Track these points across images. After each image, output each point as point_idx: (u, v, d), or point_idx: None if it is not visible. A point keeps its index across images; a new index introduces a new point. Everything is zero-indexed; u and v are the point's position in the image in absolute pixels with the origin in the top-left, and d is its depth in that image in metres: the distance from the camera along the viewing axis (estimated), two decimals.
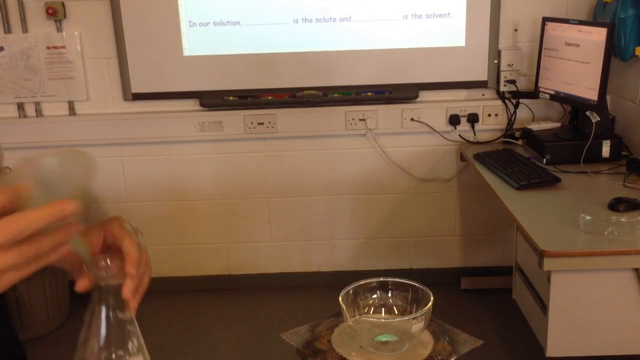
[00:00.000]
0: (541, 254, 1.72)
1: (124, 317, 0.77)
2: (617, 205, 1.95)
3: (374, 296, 1.33)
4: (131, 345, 0.78)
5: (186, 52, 2.79)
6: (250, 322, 2.83)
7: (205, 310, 2.97)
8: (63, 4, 2.74)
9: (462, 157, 2.84)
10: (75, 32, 2.78)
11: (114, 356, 0.77)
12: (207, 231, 3.06)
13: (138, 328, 0.80)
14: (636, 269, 1.84)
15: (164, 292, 3.10)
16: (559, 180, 2.22)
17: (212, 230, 3.06)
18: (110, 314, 0.77)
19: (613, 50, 2.38)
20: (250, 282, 3.13)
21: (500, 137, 2.83)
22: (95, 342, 0.77)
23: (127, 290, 0.76)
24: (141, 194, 2.99)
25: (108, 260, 0.76)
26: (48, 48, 2.79)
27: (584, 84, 2.40)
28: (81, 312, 0.79)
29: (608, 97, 2.54)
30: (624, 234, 1.79)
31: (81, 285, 0.75)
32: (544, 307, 2.03)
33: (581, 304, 1.93)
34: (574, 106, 2.62)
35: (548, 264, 1.74)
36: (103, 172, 2.95)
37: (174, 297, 3.07)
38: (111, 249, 0.80)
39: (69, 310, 2.93)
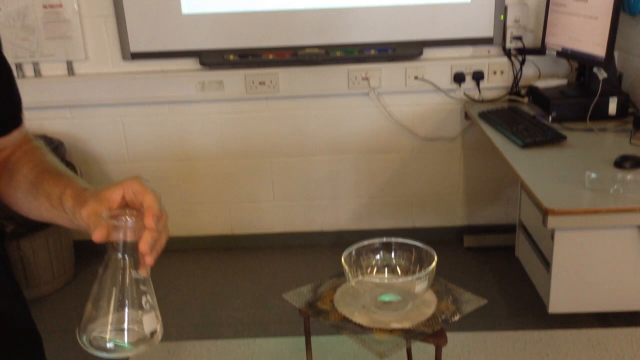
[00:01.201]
0: (545, 212, 1.71)
1: (139, 275, 0.76)
2: (623, 162, 1.93)
3: (377, 257, 1.33)
4: (145, 302, 0.77)
5: (185, 10, 2.73)
6: (254, 282, 2.85)
7: (208, 269, 2.99)
8: None
9: (467, 116, 2.81)
10: None
11: (126, 312, 0.76)
12: (209, 191, 3.06)
13: (152, 286, 0.79)
14: None
15: (167, 251, 3.10)
16: (564, 137, 2.19)
17: (214, 190, 3.06)
18: (125, 270, 0.76)
19: (622, 5, 2.32)
20: (254, 242, 3.14)
21: (505, 95, 2.79)
22: (107, 298, 0.76)
23: (145, 244, 0.76)
24: (143, 154, 2.98)
25: (127, 215, 0.75)
26: (45, 7, 2.73)
27: (591, 39, 2.35)
28: (86, 271, 0.79)
29: (616, 53, 2.49)
30: (629, 191, 1.78)
31: (98, 234, 0.75)
32: (547, 264, 2.03)
33: (584, 261, 1.94)
34: (581, 62, 2.57)
35: (552, 221, 1.74)
36: (104, 133, 2.93)
37: (178, 257, 3.09)
38: (130, 206, 0.79)
39: (74, 269, 2.96)
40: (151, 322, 0.78)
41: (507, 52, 2.77)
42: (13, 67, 3.00)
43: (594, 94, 2.34)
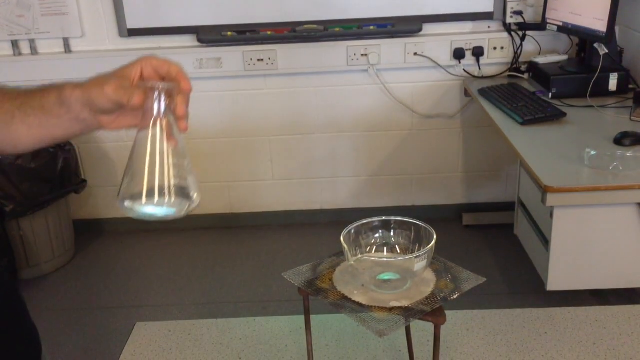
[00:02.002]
0: (544, 190, 1.71)
1: (175, 138, 0.77)
2: (623, 139, 1.92)
3: (376, 235, 1.33)
4: (184, 165, 0.78)
5: None
6: (253, 260, 2.86)
7: (208, 248, 2.99)
8: None
9: (467, 93, 2.79)
10: None
11: (165, 175, 0.76)
12: (208, 170, 3.05)
13: (187, 151, 0.79)
14: (639, 204, 1.83)
15: (168, 230, 3.13)
16: (564, 114, 2.18)
17: (213, 169, 3.05)
18: (163, 134, 0.76)
19: None
20: (253, 221, 3.14)
21: (505, 71, 2.77)
22: (145, 163, 0.76)
23: (182, 106, 0.77)
24: None
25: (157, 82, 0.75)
26: None
27: (592, 14, 2.32)
28: (86, 250, 0.78)
29: (617, 29, 2.46)
30: (628, 168, 1.77)
31: (137, 98, 0.74)
32: (545, 242, 2.03)
33: (583, 238, 1.94)
34: (582, 38, 2.55)
35: (551, 199, 1.73)
36: None
37: (178, 235, 3.10)
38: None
39: (74, 248, 2.96)
40: (190, 184, 0.78)
41: (508, 28, 2.74)
42: (9, 45, 2.99)
43: (595, 70, 2.32)
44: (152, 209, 0.75)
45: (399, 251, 1.32)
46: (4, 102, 0.84)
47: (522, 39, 2.74)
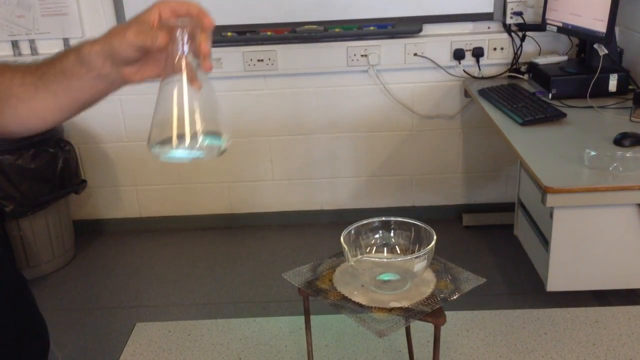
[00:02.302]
0: (544, 190, 1.71)
1: (201, 77, 0.76)
2: (623, 140, 1.93)
3: (376, 236, 1.33)
4: (210, 104, 0.78)
5: None
6: (253, 260, 2.86)
7: (208, 248, 2.99)
8: None
9: (466, 93, 2.79)
10: None
11: (196, 115, 0.75)
12: (209, 170, 3.06)
13: (214, 90, 0.78)
14: (639, 204, 1.83)
15: (168, 230, 3.13)
16: (564, 115, 2.18)
17: (214, 169, 3.05)
18: (187, 73, 0.75)
19: None
20: (253, 221, 3.14)
21: (505, 71, 2.77)
22: (173, 104, 0.75)
23: (206, 44, 0.75)
24: (141, 133, 2.97)
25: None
26: None
27: (592, 15, 2.32)
28: (86, 250, 0.78)
29: (617, 29, 2.47)
30: (628, 169, 1.77)
31: (162, 38, 0.73)
32: (545, 243, 2.03)
33: (583, 239, 1.94)
34: (582, 39, 2.55)
35: (551, 200, 1.73)
36: (102, 112, 2.91)
37: (178, 236, 3.10)
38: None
39: (74, 249, 2.96)
40: (219, 126, 0.78)
41: (507, 28, 2.74)
42: (9, 45, 2.99)
43: (595, 70, 2.33)
44: (182, 153, 0.75)
45: (399, 252, 1.32)
46: (25, 76, 0.83)
47: (522, 39, 2.74)
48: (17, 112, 0.85)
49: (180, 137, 0.74)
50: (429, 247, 1.23)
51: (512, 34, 2.74)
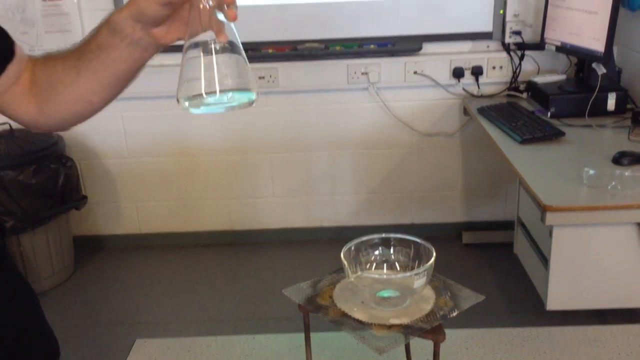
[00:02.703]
0: (544, 209, 1.71)
1: (227, 29, 0.76)
2: (621, 159, 1.93)
3: (376, 252, 1.33)
4: (237, 54, 0.78)
5: None
6: (253, 277, 2.86)
7: (208, 265, 2.99)
8: None
9: (466, 111, 2.81)
10: None
11: (225, 64, 0.76)
12: (209, 187, 3.06)
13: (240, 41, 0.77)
14: (638, 223, 1.84)
15: (168, 247, 3.13)
16: (563, 134, 2.19)
17: (214, 186, 3.06)
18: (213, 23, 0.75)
19: (621, 0, 2.32)
20: (253, 238, 3.14)
21: (504, 90, 2.79)
22: (202, 55, 0.76)
23: None
24: (143, 149, 2.98)
25: None
26: (44, 0, 2.73)
27: (590, 34, 2.35)
28: (86, 266, 0.78)
29: (615, 49, 2.49)
30: (627, 187, 1.78)
31: None
32: (545, 261, 2.04)
33: (582, 258, 1.94)
34: (580, 58, 2.57)
35: (550, 218, 1.74)
36: (104, 128, 2.93)
37: (178, 253, 3.09)
38: None
39: (74, 265, 2.96)
40: (246, 78, 0.78)
41: (506, 47, 2.77)
42: None
43: (593, 89, 2.34)
44: (210, 108, 0.76)
45: (398, 268, 1.33)
46: (66, 60, 0.85)
47: (521, 58, 2.76)
48: (64, 98, 0.87)
49: (209, 92, 0.75)
50: (428, 263, 1.23)
51: (511, 52, 2.77)
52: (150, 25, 0.79)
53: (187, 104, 0.77)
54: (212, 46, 0.76)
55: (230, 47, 0.77)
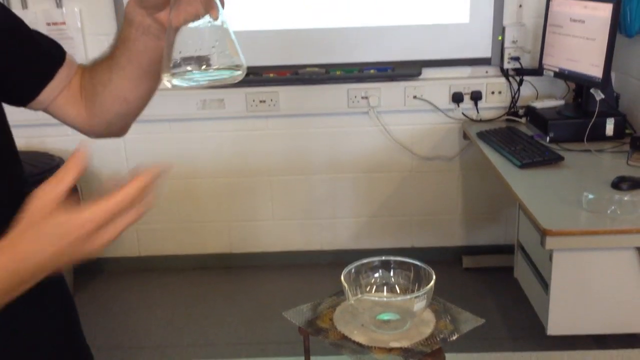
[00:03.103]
0: (543, 233, 1.72)
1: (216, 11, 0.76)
2: (620, 183, 1.94)
3: (376, 275, 1.33)
4: (224, 33, 0.77)
5: None
6: (253, 301, 2.85)
7: (208, 288, 2.98)
8: None
9: (465, 135, 2.82)
10: (75, 8, 2.75)
11: (211, 40, 0.76)
12: (209, 209, 3.07)
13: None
14: (638, 248, 1.84)
15: (167, 270, 3.12)
16: (562, 158, 2.21)
17: (214, 208, 3.06)
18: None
19: (618, 27, 2.35)
20: (253, 261, 3.13)
21: (503, 115, 2.81)
22: (188, 35, 0.76)
23: None
24: None
25: None
26: (48, 24, 2.76)
27: (588, 60, 2.38)
28: (84, 291, 0.79)
29: (613, 75, 2.52)
30: (626, 212, 1.78)
31: None
32: (545, 285, 2.03)
33: (583, 282, 1.94)
34: (578, 83, 2.60)
35: (550, 242, 1.74)
36: (104, 151, 2.94)
37: (177, 275, 3.09)
38: None
39: (73, 288, 2.95)
40: (234, 54, 0.78)
41: (505, 73, 2.79)
42: None
43: (591, 114, 2.36)
44: (196, 79, 0.77)
45: (398, 291, 1.33)
46: (104, 61, 0.89)
47: (520, 84, 2.79)
48: (104, 98, 0.91)
49: (194, 65, 0.76)
50: (428, 286, 1.23)
51: (510, 78, 2.79)
52: (153, 9, 0.81)
53: (170, 76, 0.77)
54: (203, 23, 0.77)
55: (219, 26, 0.78)
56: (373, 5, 2.72)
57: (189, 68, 0.76)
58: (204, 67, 0.76)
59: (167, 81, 0.78)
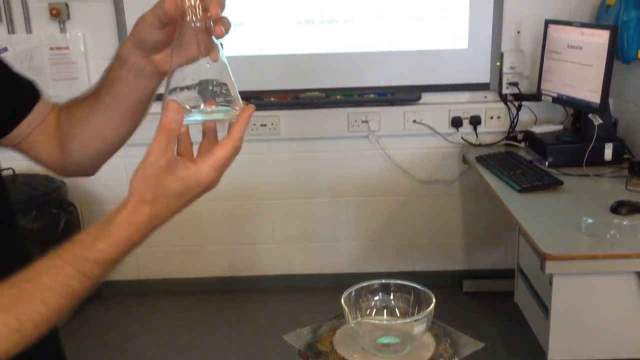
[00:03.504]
0: (543, 257, 1.72)
1: (214, 43, 0.77)
2: (620, 208, 1.95)
3: (376, 298, 1.33)
4: (221, 70, 0.79)
5: None
6: (253, 324, 2.83)
7: (208, 311, 2.97)
8: (67, 5, 2.75)
9: (465, 160, 2.84)
10: (79, 33, 2.79)
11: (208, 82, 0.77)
12: (209, 233, 3.07)
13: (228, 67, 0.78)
14: (638, 273, 1.84)
15: (167, 293, 3.11)
16: (561, 182, 2.22)
17: (214, 231, 3.06)
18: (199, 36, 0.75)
19: (616, 53, 2.38)
20: (253, 284, 3.13)
21: (502, 139, 2.83)
22: (187, 75, 0.76)
23: (215, 7, 0.73)
24: None
25: None
26: (52, 49, 2.79)
27: (586, 86, 2.40)
28: (82, 314, 0.79)
29: (610, 100, 2.54)
30: (626, 237, 1.79)
31: (169, 3, 0.72)
32: (545, 310, 2.03)
33: (583, 307, 1.93)
34: (577, 109, 2.62)
35: (550, 267, 1.74)
36: (105, 174, 2.93)
37: (177, 299, 3.07)
38: None
39: (71, 312, 2.93)
40: (232, 95, 0.79)
41: (504, 98, 2.82)
42: None
43: (590, 139, 2.38)
44: (190, 120, 0.78)
45: (398, 315, 1.33)
46: (86, 99, 0.88)
47: (518, 109, 2.81)
48: (82, 136, 0.90)
49: (194, 106, 0.77)
50: (428, 309, 1.23)
51: (509, 103, 2.82)
52: (151, 51, 0.81)
53: None
54: (202, 63, 0.78)
55: (218, 66, 0.79)
56: (373, 31, 2.75)
57: (187, 107, 0.77)
58: (202, 105, 0.77)
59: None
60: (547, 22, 2.59)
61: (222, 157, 0.78)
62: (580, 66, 2.42)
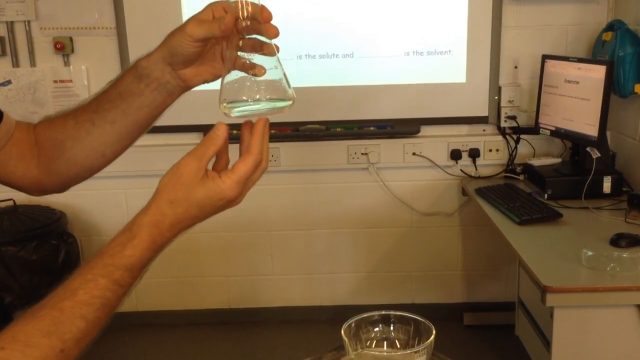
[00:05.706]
0: (544, 290, 1.72)
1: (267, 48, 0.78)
2: (619, 240, 1.95)
3: (376, 329, 1.32)
4: (275, 65, 0.82)
5: None
6: (251, 357, 2.81)
7: (206, 344, 2.94)
8: (71, 39, 2.79)
9: (464, 192, 2.85)
10: (83, 67, 2.82)
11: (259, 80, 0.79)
12: (208, 264, 3.06)
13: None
14: (638, 305, 1.83)
15: (165, 325, 3.08)
16: (560, 215, 2.22)
17: (213, 263, 3.06)
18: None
19: (612, 87, 2.41)
20: (252, 316, 3.10)
21: (501, 172, 2.84)
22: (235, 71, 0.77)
23: (265, 9, 0.74)
24: None
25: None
26: (55, 82, 2.83)
27: (584, 120, 2.42)
28: None
29: (608, 134, 2.56)
30: (626, 269, 1.79)
31: (228, 20, 0.73)
32: (546, 343, 2.01)
33: (584, 340, 1.92)
34: (575, 142, 2.64)
35: (551, 299, 1.74)
36: (106, 205, 2.96)
37: (175, 331, 3.05)
38: None
39: None
40: (285, 90, 0.83)
41: (502, 131, 2.84)
42: None
43: (588, 172, 2.39)
44: (251, 108, 0.81)
45: (398, 346, 1.32)
46: (78, 115, 0.85)
47: (517, 142, 2.83)
48: (75, 152, 0.86)
49: (250, 100, 0.81)
50: (428, 341, 1.23)
51: (507, 136, 2.84)
52: (180, 65, 0.80)
53: (229, 107, 0.81)
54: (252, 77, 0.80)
55: (275, 59, 0.82)
56: (373, 65, 2.79)
57: (244, 98, 0.80)
58: (257, 97, 0.80)
59: (225, 112, 0.81)
60: (544, 58, 2.62)
61: (243, 172, 0.80)
62: (577, 100, 2.45)
